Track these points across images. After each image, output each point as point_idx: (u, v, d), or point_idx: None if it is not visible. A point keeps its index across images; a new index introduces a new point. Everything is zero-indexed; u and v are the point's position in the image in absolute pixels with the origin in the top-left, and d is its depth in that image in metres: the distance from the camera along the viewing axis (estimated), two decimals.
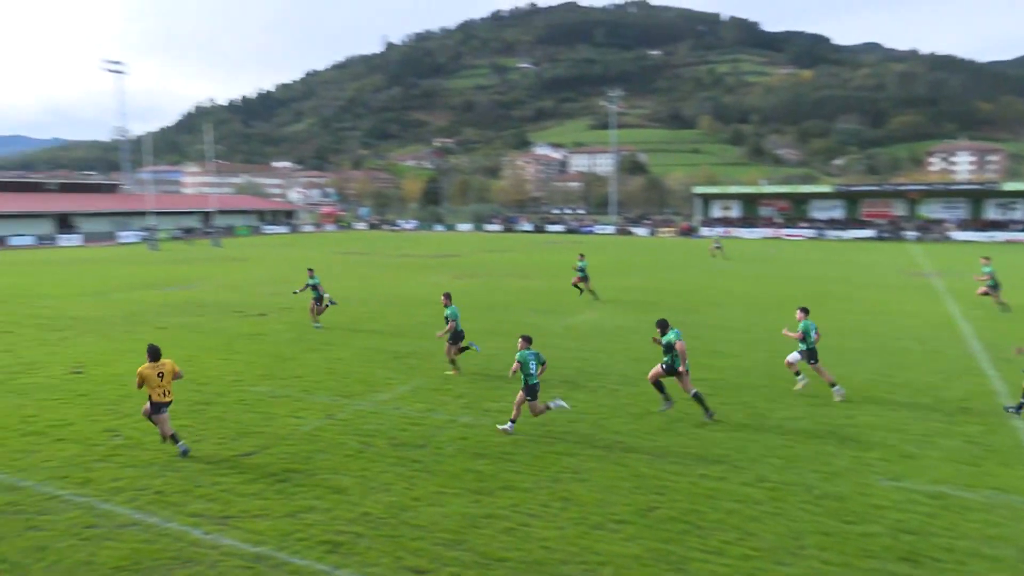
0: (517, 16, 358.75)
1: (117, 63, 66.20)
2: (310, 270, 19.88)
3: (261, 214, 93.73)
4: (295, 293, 21.82)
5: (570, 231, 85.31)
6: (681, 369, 11.20)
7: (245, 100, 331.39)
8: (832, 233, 68.92)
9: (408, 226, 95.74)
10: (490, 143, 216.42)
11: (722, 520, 7.82)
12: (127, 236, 69.40)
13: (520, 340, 11.03)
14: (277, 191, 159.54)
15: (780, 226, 72.27)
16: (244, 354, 16.08)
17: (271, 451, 9.87)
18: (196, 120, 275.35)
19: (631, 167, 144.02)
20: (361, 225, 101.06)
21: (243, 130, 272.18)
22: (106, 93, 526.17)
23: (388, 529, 7.49)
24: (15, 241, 63.14)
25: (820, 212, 73.49)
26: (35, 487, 8.57)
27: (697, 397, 11.32)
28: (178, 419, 11.27)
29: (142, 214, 72.80)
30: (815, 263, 40.70)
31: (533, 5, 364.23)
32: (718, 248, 45.86)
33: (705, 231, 74.78)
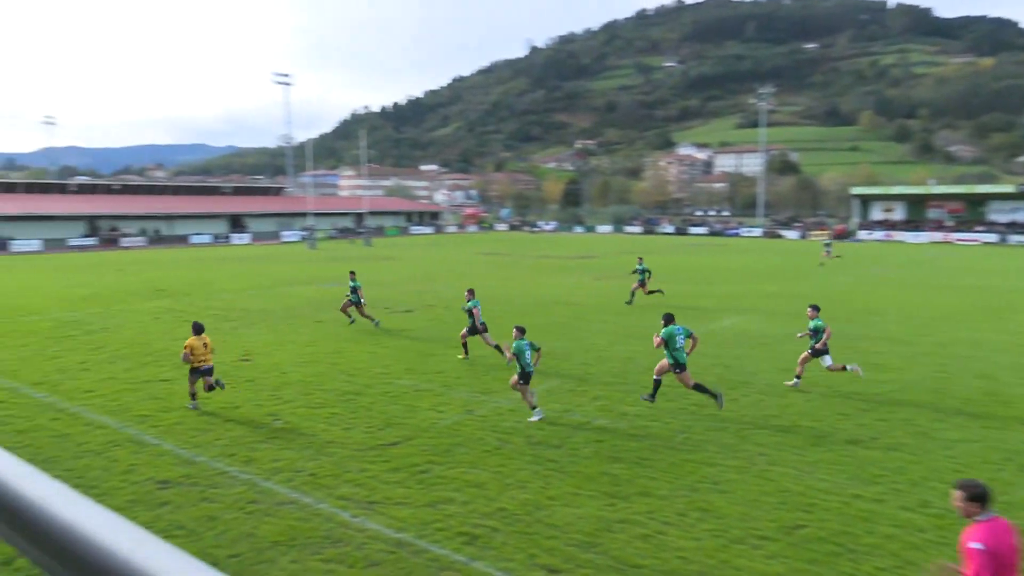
0: (663, 14, 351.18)
1: (285, 75, 70.68)
2: (352, 273, 20.12)
3: (408, 215, 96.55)
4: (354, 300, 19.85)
5: (714, 233, 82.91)
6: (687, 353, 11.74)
7: (396, 107, 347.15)
8: (1015, 238, 64.26)
9: (548, 227, 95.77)
10: (632, 144, 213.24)
11: (878, 545, 7.33)
12: (289, 235, 73.72)
13: (515, 331, 11.85)
14: (424, 193, 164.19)
15: (951, 230, 68.23)
16: (390, 348, 16.70)
17: (413, 442, 10.20)
18: (352, 127, 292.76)
19: (781, 167, 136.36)
20: (502, 226, 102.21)
21: (394, 135, 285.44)
22: (275, 103, 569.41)
23: (523, 526, 7.55)
24: (195, 239, 69.48)
25: (1000, 215, 68.25)
26: (208, 462, 9.32)
27: (699, 387, 11.66)
28: (331, 407, 11.97)
29: (302, 215, 77.13)
30: (993, 272, 37.74)
31: (680, 2, 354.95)
32: (828, 251, 43.25)
33: (863, 234, 70.35)
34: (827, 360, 12.96)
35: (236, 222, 76.40)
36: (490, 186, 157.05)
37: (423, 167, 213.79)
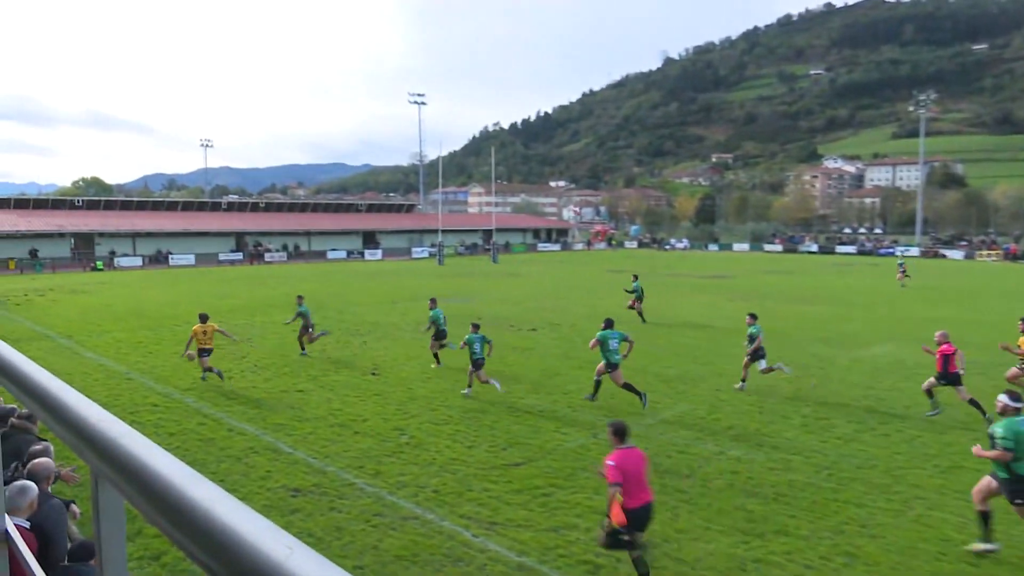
0: (809, 19, 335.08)
1: (420, 95, 72.40)
2: (299, 297, 19.00)
3: (536, 232, 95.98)
4: (286, 323, 20.70)
5: (864, 252, 77.88)
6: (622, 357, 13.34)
7: (525, 122, 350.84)
8: None
9: (680, 245, 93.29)
10: (773, 157, 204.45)
11: None
12: (419, 251, 74.86)
13: (471, 326, 14.75)
14: (552, 210, 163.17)
15: None
16: (515, 366, 16.65)
17: (537, 464, 10.17)
18: (482, 143, 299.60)
19: (944, 179, 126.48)
20: (631, 244, 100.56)
21: (523, 151, 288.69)
22: (409, 122, 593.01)
23: (649, 559, 7.26)
24: (331, 255, 71.72)
25: None
26: (337, 473, 9.65)
27: (627, 386, 13.18)
28: (455, 423, 12.24)
29: (432, 231, 78.31)
30: None
31: (829, 6, 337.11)
32: (904, 274, 39.24)
33: None
34: (762, 364, 14.32)
35: (369, 238, 78.50)
36: (619, 202, 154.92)
37: (552, 183, 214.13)
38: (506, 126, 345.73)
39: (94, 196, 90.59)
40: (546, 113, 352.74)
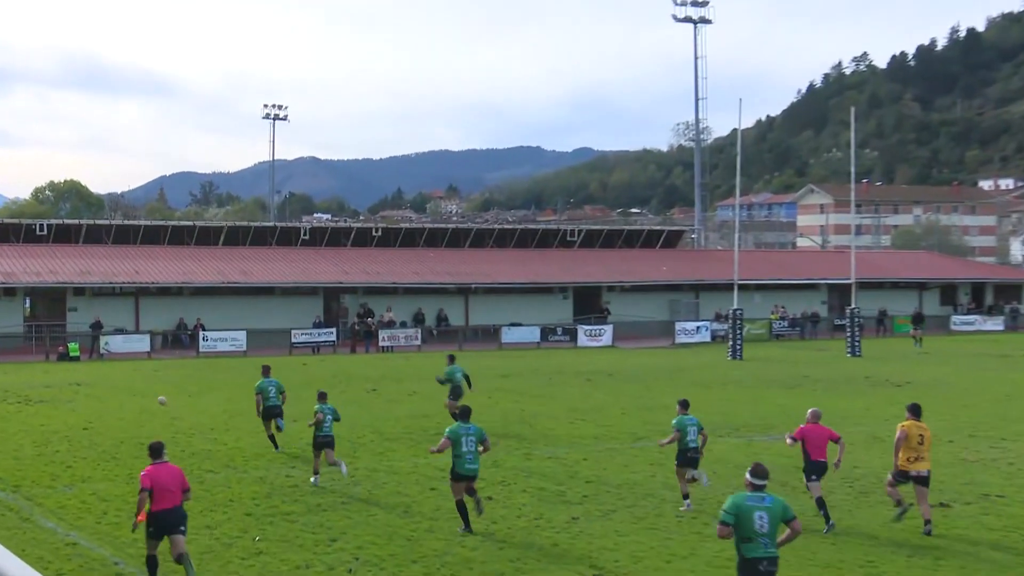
0: None
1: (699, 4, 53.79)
2: (266, 367, 25.15)
3: (948, 289, 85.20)
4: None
5: None
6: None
7: (922, 55, 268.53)
8: None
9: None
10: None
11: None
12: (691, 328, 69.00)
13: (318, 394, 21.19)
14: (983, 240, 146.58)
15: None
16: None
17: None
18: (826, 101, 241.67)
19: None
20: None
21: (918, 115, 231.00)
22: (668, 65, 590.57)
23: None
24: (512, 336, 66.39)
25: None
26: None
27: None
28: None
29: (719, 288, 69.95)
30: None
31: None
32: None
33: None
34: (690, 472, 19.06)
35: (587, 300, 73.05)
36: None
37: (983, 183, 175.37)
38: (881, 63, 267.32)
39: (66, 219, 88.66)
40: (969, 33, 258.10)
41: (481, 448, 16.89)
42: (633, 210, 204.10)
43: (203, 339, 57.80)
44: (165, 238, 69.70)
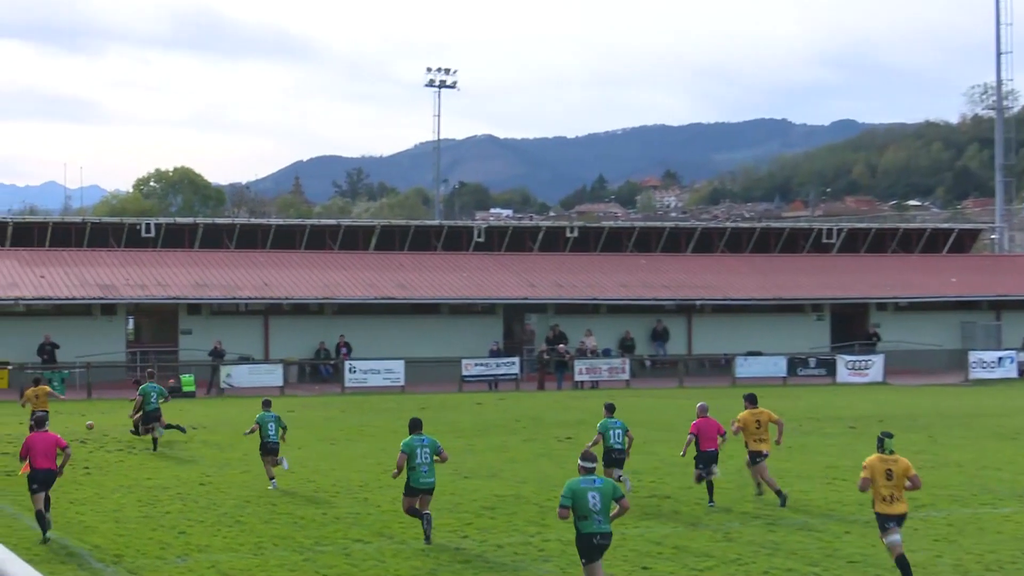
0: None
1: None
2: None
3: None
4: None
5: None
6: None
7: None
8: None
9: None
10: None
11: None
12: (990, 361, 67.63)
13: (262, 403, 29.20)
14: None
15: None
16: None
17: None
18: None
19: None
20: None
21: None
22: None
23: None
24: (750, 369, 66.54)
25: None
26: None
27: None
28: None
29: None
30: None
31: None
32: None
33: None
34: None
35: (852, 321, 73.89)
36: None
37: None
38: None
39: (177, 217, 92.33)
40: None
41: (438, 458, 21.40)
42: (911, 202, 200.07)
43: (349, 370, 58.45)
44: (302, 241, 71.17)
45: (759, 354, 67.26)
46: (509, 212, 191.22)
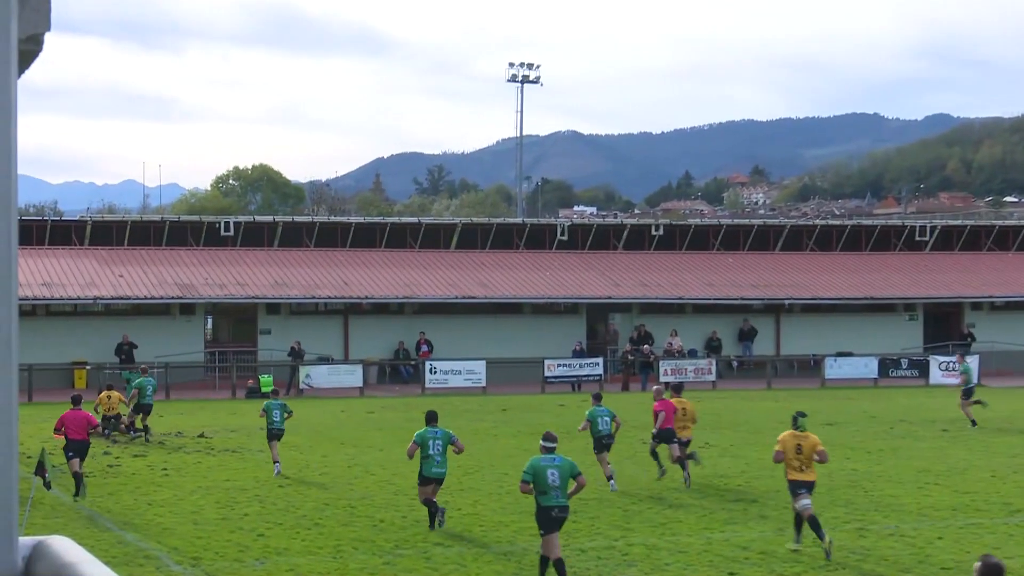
0: None
1: None
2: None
3: None
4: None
5: None
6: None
7: None
8: None
9: None
10: None
11: None
12: None
13: (271, 392, 37.11)
14: None
15: None
16: None
17: None
18: None
19: None
20: None
21: None
22: None
23: None
24: None
25: None
26: None
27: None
28: None
29: None
30: None
31: None
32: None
33: None
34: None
35: None
36: None
37: None
38: None
39: (256, 216, 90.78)
40: None
41: (454, 449, 24.03)
42: (1009, 199, 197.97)
43: (430, 371, 58.55)
44: (382, 240, 71.36)
45: (849, 355, 66.84)
46: (593, 209, 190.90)
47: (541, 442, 19.33)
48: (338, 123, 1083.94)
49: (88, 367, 56.59)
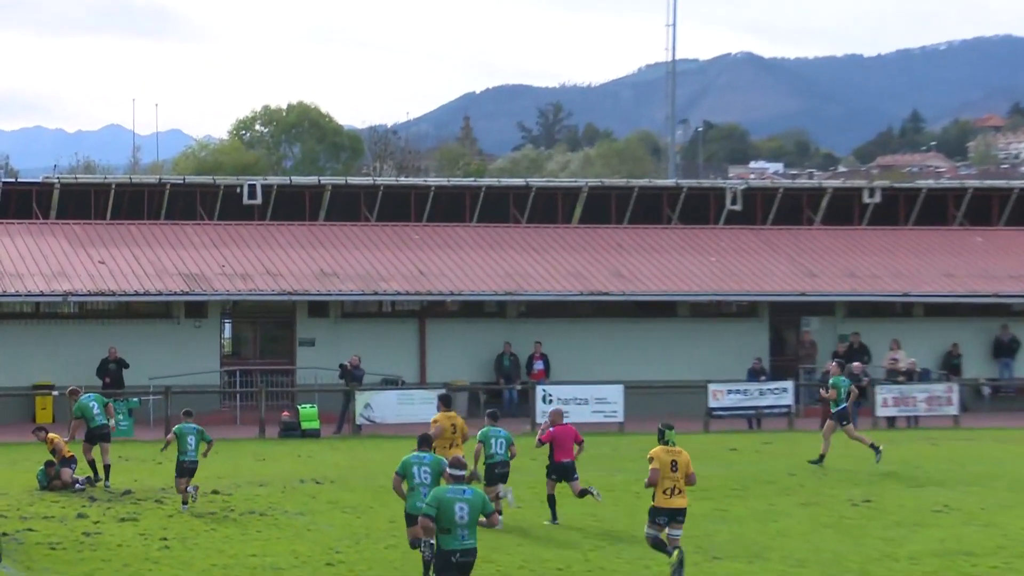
0: None
1: None
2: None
3: None
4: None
5: None
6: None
7: None
8: None
9: None
10: None
11: None
12: None
13: (183, 413, 37.31)
14: None
15: None
16: None
17: None
18: None
19: None
20: None
21: None
22: None
23: None
24: None
25: None
26: None
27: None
28: None
29: None
30: None
31: None
32: None
33: None
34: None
35: None
36: None
37: None
38: None
39: (293, 177, 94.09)
40: None
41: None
42: None
43: (543, 399, 58.82)
44: (474, 211, 72.21)
45: None
46: (779, 167, 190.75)
47: (448, 469, 20.90)
48: (408, 45, 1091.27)
49: (55, 393, 56.12)
